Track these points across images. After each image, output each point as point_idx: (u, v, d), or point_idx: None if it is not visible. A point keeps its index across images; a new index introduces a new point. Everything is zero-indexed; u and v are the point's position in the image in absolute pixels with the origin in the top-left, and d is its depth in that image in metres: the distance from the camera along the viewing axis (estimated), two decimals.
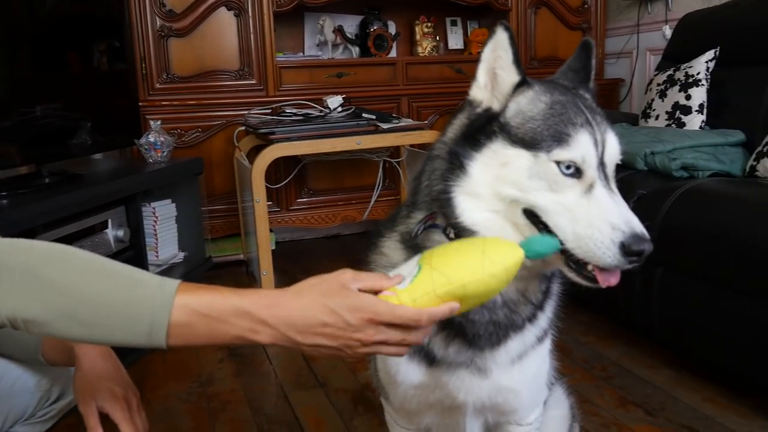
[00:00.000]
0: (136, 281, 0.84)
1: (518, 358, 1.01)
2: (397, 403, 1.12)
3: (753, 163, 2.22)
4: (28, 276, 0.81)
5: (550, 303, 1.04)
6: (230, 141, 3.32)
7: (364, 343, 0.84)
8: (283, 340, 0.85)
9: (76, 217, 2.13)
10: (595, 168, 0.86)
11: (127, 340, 0.83)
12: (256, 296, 0.85)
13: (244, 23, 3.37)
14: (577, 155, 0.85)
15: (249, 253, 3.26)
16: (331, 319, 0.83)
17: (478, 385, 1.00)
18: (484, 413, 1.10)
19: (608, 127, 0.90)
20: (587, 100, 0.93)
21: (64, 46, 2.42)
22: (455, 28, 4.11)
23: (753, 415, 1.82)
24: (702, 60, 2.65)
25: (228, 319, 0.84)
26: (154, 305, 0.82)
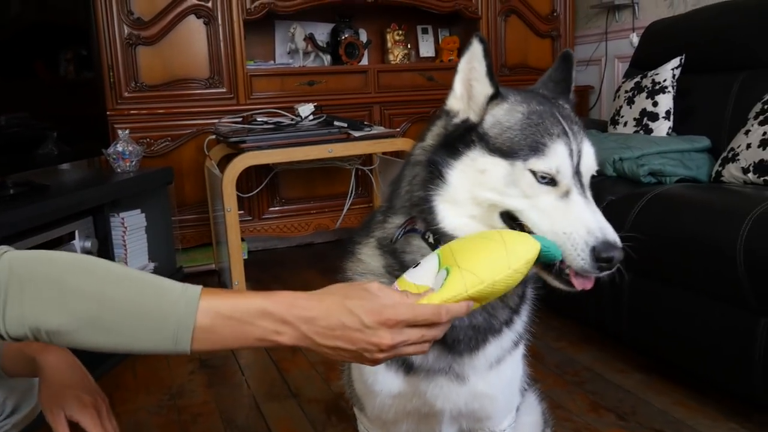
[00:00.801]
0: (159, 287, 0.85)
1: (496, 363, 1.02)
2: (374, 413, 1.11)
3: (719, 169, 2.25)
4: (52, 286, 0.81)
5: (525, 307, 1.05)
6: (201, 150, 3.29)
7: (381, 349, 0.83)
8: (304, 340, 0.85)
9: (42, 228, 2.09)
10: (570, 177, 0.88)
11: (152, 347, 0.83)
12: (278, 297, 0.86)
13: (213, 31, 3.35)
14: (553, 165, 0.87)
15: (221, 263, 3.23)
16: (349, 320, 0.83)
17: (456, 392, 1.01)
18: (459, 420, 1.10)
19: (585, 138, 0.91)
20: (565, 110, 0.94)
21: (29, 54, 2.39)
22: (426, 36, 4.13)
23: (722, 417, 1.84)
24: (668, 67, 2.69)
25: (252, 321, 0.84)
26: (178, 310, 0.82)
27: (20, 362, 1.15)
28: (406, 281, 0.87)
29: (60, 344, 0.83)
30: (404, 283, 0.88)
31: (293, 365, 2.31)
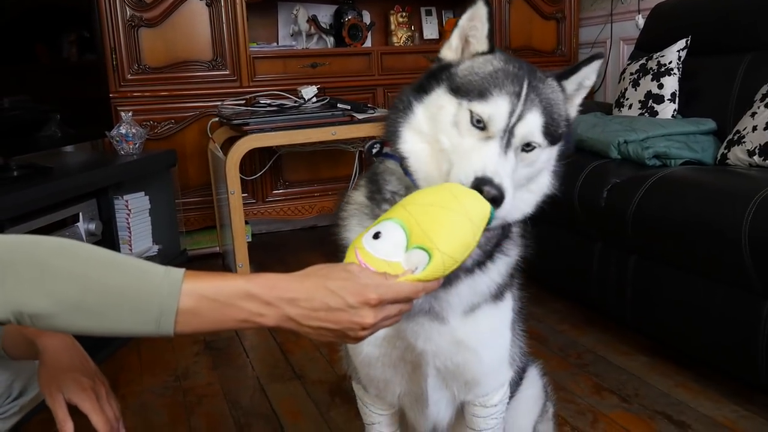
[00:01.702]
0: (143, 270, 0.84)
1: (471, 310, 1.05)
2: (363, 371, 1.13)
3: (724, 151, 2.24)
4: (35, 269, 0.81)
5: (503, 260, 1.07)
6: (204, 132, 3.28)
7: (364, 327, 0.86)
8: (287, 322, 0.86)
9: (46, 210, 2.10)
10: (499, 129, 0.92)
11: (135, 330, 0.83)
12: (261, 279, 0.86)
13: (216, 13, 3.32)
14: (487, 111, 0.92)
15: (225, 245, 3.23)
16: (333, 301, 0.84)
17: (437, 332, 1.04)
18: (446, 380, 1.11)
19: (536, 109, 0.94)
20: (539, 86, 0.96)
21: (32, 37, 2.38)
22: (430, 18, 4.10)
23: (724, 399, 1.85)
24: (674, 49, 2.67)
25: (235, 303, 0.84)
26: (162, 292, 0.82)
27: (21, 345, 1.15)
28: (373, 256, 0.87)
29: (43, 328, 0.82)
30: (370, 257, 0.87)
31: (297, 347, 2.32)
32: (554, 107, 0.97)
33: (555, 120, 0.96)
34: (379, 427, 1.23)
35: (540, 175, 1.00)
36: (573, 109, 1.03)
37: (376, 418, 1.22)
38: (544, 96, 0.95)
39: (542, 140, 0.95)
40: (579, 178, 2.28)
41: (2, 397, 1.23)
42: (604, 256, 2.22)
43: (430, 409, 1.16)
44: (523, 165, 0.95)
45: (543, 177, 1.01)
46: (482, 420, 1.17)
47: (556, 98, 0.98)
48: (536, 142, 0.94)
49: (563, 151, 1.02)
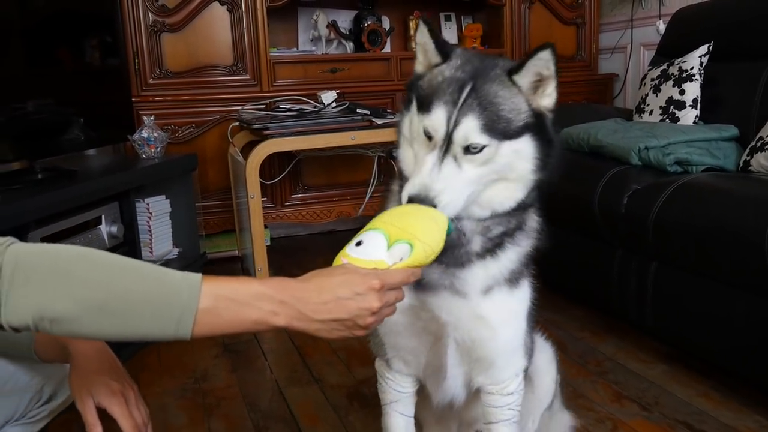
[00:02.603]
0: (162, 273, 0.88)
1: (488, 290, 1.11)
2: (390, 338, 1.20)
3: (746, 158, 2.22)
4: (57, 274, 0.83)
5: (514, 249, 1.12)
6: (224, 137, 3.31)
7: (372, 311, 0.91)
8: (299, 319, 0.90)
9: (70, 213, 2.12)
10: (439, 138, 1.00)
11: (155, 331, 0.86)
12: (272, 281, 0.92)
13: (237, 18, 3.35)
14: (428, 124, 1.01)
15: (244, 249, 3.25)
16: (341, 291, 0.90)
17: (458, 305, 1.10)
18: (463, 355, 1.16)
19: (472, 113, 0.98)
20: (482, 86, 1.01)
21: (56, 41, 2.41)
22: (449, 23, 4.10)
23: (746, 409, 1.83)
24: (695, 55, 2.65)
25: (251, 302, 0.89)
26: (182, 293, 0.86)
27: (52, 348, 1.17)
28: (358, 259, 0.96)
29: (62, 333, 0.84)
30: (356, 260, 0.96)
31: (315, 351, 2.33)
32: (500, 104, 1.00)
33: (502, 116, 1.00)
34: (397, 405, 1.28)
35: (515, 166, 1.03)
36: (544, 99, 1.04)
37: (396, 396, 1.27)
38: (486, 96, 1.00)
39: (486, 139, 0.99)
40: (599, 184, 2.27)
41: (33, 400, 1.24)
42: (624, 263, 2.20)
43: (448, 382, 1.22)
44: (478, 164, 1.00)
45: (520, 166, 1.03)
46: (499, 410, 1.21)
47: (504, 95, 1.01)
48: (476, 143, 0.99)
49: (544, 138, 1.04)
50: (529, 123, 1.02)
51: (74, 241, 2.12)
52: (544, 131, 1.04)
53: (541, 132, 1.03)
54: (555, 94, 1.05)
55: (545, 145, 1.04)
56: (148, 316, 0.85)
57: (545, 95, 1.04)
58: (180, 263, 2.77)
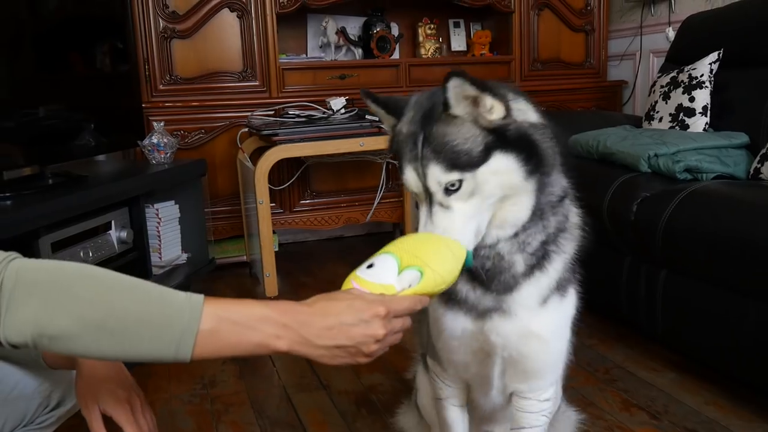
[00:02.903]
0: (165, 294, 0.87)
1: (543, 302, 1.11)
2: (445, 354, 1.22)
3: (757, 166, 2.21)
4: (59, 292, 0.83)
5: (560, 257, 1.12)
6: (233, 142, 3.32)
7: (377, 339, 0.90)
8: (302, 344, 0.89)
9: (80, 218, 2.13)
10: (421, 192, 1.03)
11: (154, 353, 0.85)
12: (276, 305, 0.91)
13: (247, 25, 3.37)
14: (407, 185, 1.04)
15: (252, 254, 3.26)
16: (345, 317, 0.89)
17: (505, 327, 1.11)
18: (507, 368, 1.18)
19: (431, 162, 1.00)
20: (432, 130, 1.01)
21: (67, 47, 2.43)
22: (458, 30, 4.10)
23: (757, 418, 1.81)
24: (705, 62, 2.65)
25: (253, 325, 0.87)
26: (183, 314, 0.85)
27: (60, 355, 1.17)
28: (367, 281, 0.95)
29: (61, 351, 0.84)
30: (365, 282, 0.95)
31: None
32: (452, 140, 1.00)
33: (459, 150, 0.99)
34: (450, 401, 1.31)
35: (504, 184, 1.02)
36: (490, 114, 1.01)
37: (449, 392, 1.30)
38: (437, 140, 1.00)
39: (457, 175, 0.99)
40: (608, 191, 2.26)
41: (41, 406, 1.24)
42: (633, 270, 2.19)
43: (493, 393, 1.25)
44: (466, 199, 1.00)
45: (509, 181, 1.02)
46: (533, 416, 1.22)
47: (451, 131, 1.00)
48: (450, 181, 0.99)
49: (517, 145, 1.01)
50: (490, 142, 1.00)
51: (84, 247, 2.13)
52: (513, 139, 1.01)
53: (509, 143, 1.01)
54: (499, 104, 1.01)
55: (523, 149, 1.01)
56: (147, 336, 0.84)
57: (488, 111, 1.01)
58: (189, 268, 2.78)
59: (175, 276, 2.68)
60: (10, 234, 1.80)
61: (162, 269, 2.70)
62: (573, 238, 1.14)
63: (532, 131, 1.03)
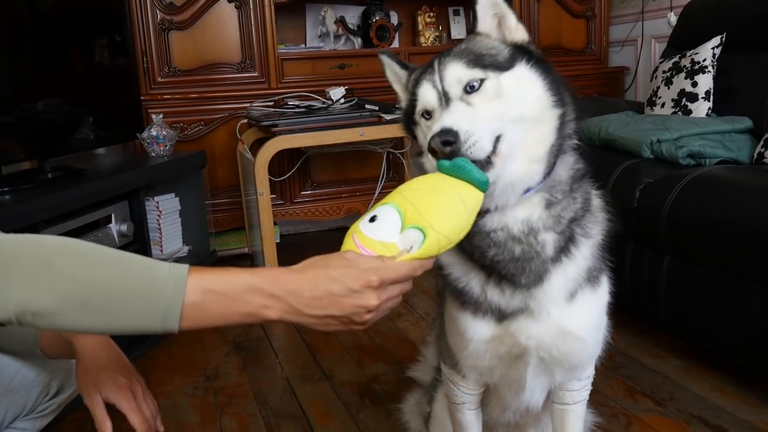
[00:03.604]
0: (147, 266, 0.85)
1: (571, 296, 1.05)
2: (470, 362, 1.15)
3: (761, 150, 2.20)
4: (40, 267, 0.81)
5: (587, 242, 1.06)
6: (233, 134, 3.30)
7: (369, 309, 0.87)
8: (292, 313, 0.87)
9: (80, 212, 2.12)
10: (436, 107, 0.98)
11: (140, 326, 0.83)
12: (264, 272, 0.89)
13: (245, 15, 3.35)
14: (422, 105, 1.00)
15: (253, 246, 3.25)
16: (335, 287, 0.86)
17: (536, 328, 1.05)
18: (549, 367, 1.12)
19: (450, 61, 0.98)
20: (450, 51, 1.01)
21: (65, 41, 2.41)
22: (458, 18, 4.08)
23: (763, 404, 1.81)
24: (708, 46, 2.62)
25: (240, 296, 0.85)
26: (167, 287, 0.82)
27: (58, 344, 1.16)
28: (369, 238, 0.90)
29: (45, 327, 0.82)
30: (366, 239, 0.90)
31: (326, 347, 2.32)
32: (475, 47, 1.00)
33: (483, 53, 0.98)
34: (467, 406, 1.27)
35: (528, 98, 0.97)
36: (514, 33, 1.02)
37: (466, 398, 1.26)
38: (457, 51, 1.00)
39: (480, 72, 0.96)
40: (611, 177, 2.25)
41: (41, 395, 1.25)
42: (636, 257, 2.18)
43: (525, 393, 1.19)
44: (488, 100, 0.95)
45: (533, 95, 0.98)
46: (576, 393, 1.20)
47: (474, 44, 1.01)
48: (471, 78, 0.96)
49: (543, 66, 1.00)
50: (516, 53, 0.99)
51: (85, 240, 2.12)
52: (538, 60, 1.00)
53: (535, 60, 0.99)
54: (521, 27, 1.02)
55: (548, 73, 0.99)
56: (131, 310, 0.82)
57: (512, 30, 1.02)
58: (190, 261, 2.77)
59: None
60: (9, 228, 1.78)
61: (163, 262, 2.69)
62: (598, 221, 1.09)
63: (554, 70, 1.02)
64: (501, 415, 1.33)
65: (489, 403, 1.31)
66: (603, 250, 1.10)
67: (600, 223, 1.09)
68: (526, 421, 1.37)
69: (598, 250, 1.08)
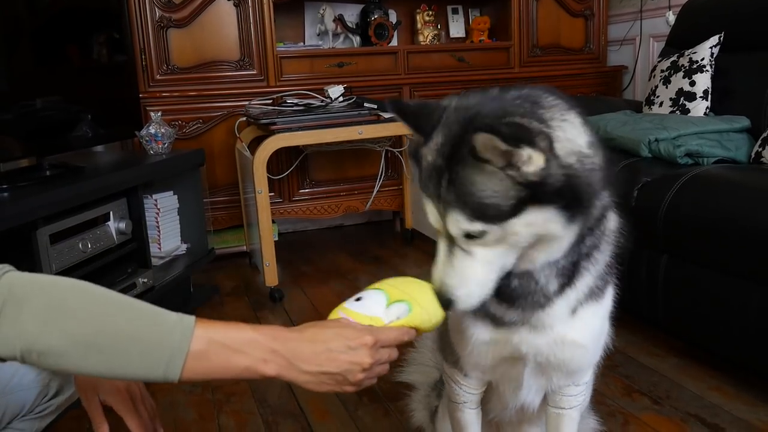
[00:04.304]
0: (157, 314, 0.87)
1: (572, 312, 1.04)
2: (471, 360, 1.16)
3: (759, 150, 2.20)
4: (50, 307, 0.82)
5: (589, 271, 1.02)
6: (231, 132, 3.30)
7: (363, 367, 0.91)
8: (289, 369, 0.90)
9: (78, 209, 2.12)
10: (440, 228, 0.95)
11: (142, 373, 0.85)
12: (266, 329, 0.92)
13: (243, 13, 3.34)
14: (428, 216, 0.96)
15: (252, 244, 3.25)
16: (334, 343, 0.90)
17: (536, 341, 1.06)
18: (546, 371, 1.12)
19: (453, 208, 0.89)
20: (455, 175, 0.89)
21: (63, 38, 2.40)
22: (456, 17, 4.08)
23: (760, 403, 1.81)
24: (706, 46, 2.63)
25: (242, 348, 0.88)
26: (174, 334, 0.85)
27: None
28: (355, 312, 0.97)
29: (49, 366, 0.83)
30: (353, 314, 0.97)
31: None
32: (480, 191, 0.86)
33: (487, 204, 0.86)
34: (468, 405, 1.28)
35: (540, 234, 0.90)
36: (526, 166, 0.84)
37: (467, 397, 1.27)
38: (463, 186, 0.87)
39: (481, 226, 0.87)
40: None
41: (39, 396, 1.24)
42: (634, 256, 2.18)
43: (522, 392, 1.20)
44: (491, 245, 0.90)
45: (546, 230, 0.90)
46: (573, 398, 1.20)
47: (480, 180, 0.86)
48: (472, 231, 0.89)
49: (557, 198, 0.87)
50: (525, 197, 0.86)
51: (83, 238, 2.12)
52: (554, 190, 0.86)
53: (549, 194, 0.86)
54: (538, 154, 0.84)
55: (566, 196, 0.87)
56: (137, 355, 0.84)
57: (525, 163, 0.84)
58: (188, 259, 2.77)
59: (174, 267, 2.68)
60: (7, 226, 1.79)
61: (161, 260, 2.69)
62: (610, 242, 1.04)
63: (579, 171, 0.88)
64: (501, 413, 1.33)
65: (489, 400, 1.31)
66: (610, 266, 1.07)
67: (610, 245, 1.04)
68: (523, 418, 1.37)
69: (605, 268, 1.05)
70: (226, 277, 3.16)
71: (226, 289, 3.01)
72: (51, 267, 1.96)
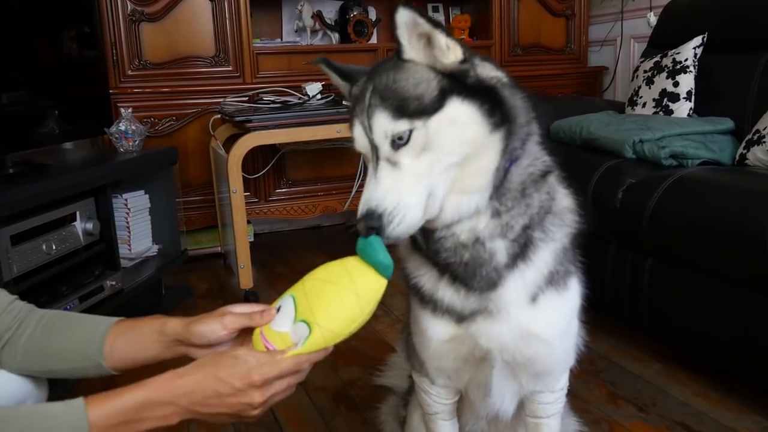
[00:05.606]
0: (42, 416, 0.89)
1: (533, 300, 1.00)
2: (435, 363, 1.12)
3: (743, 152, 2.17)
4: None
5: (548, 246, 1.00)
6: (206, 130, 3.21)
7: (254, 406, 0.93)
8: (188, 413, 0.93)
9: (42, 209, 2.02)
10: (369, 150, 0.93)
11: None
12: (156, 382, 0.93)
13: (219, 8, 3.26)
14: (356, 146, 0.95)
15: (226, 245, 3.17)
16: (222, 388, 0.92)
17: (497, 330, 1.01)
18: (515, 372, 1.08)
19: (376, 109, 0.90)
20: (380, 81, 0.92)
21: (31, 31, 2.31)
22: (437, 14, 4.02)
23: (746, 410, 1.78)
24: (690, 46, 2.60)
25: (140, 416, 0.91)
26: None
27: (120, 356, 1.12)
28: (270, 330, 0.97)
29: None
30: (269, 331, 0.96)
31: None
32: (401, 85, 0.90)
33: (409, 95, 0.89)
34: (441, 416, 1.23)
35: (465, 138, 0.90)
36: (445, 56, 0.90)
37: (439, 408, 1.21)
38: (384, 86, 0.91)
39: (406, 123, 0.88)
40: (593, 177, 2.21)
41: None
42: (618, 259, 2.14)
43: (493, 399, 1.15)
44: (417, 154, 0.89)
45: (470, 133, 0.90)
46: (549, 406, 1.16)
47: (400, 75, 0.91)
48: (396, 132, 0.89)
49: (479, 92, 0.90)
50: (446, 86, 0.89)
51: (48, 239, 2.03)
52: (475, 87, 0.90)
53: (470, 88, 0.90)
54: (456, 45, 0.90)
55: (487, 99, 0.90)
56: None
57: (444, 53, 0.90)
58: (160, 260, 2.69)
59: (145, 269, 2.59)
60: None
61: (132, 262, 2.60)
62: (564, 223, 1.02)
63: (498, 87, 0.93)
64: (475, 424, 1.28)
65: (463, 411, 1.26)
66: (570, 252, 1.04)
67: (566, 225, 1.03)
68: (498, 430, 1.32)
69: (564, 253, 1.03)
70: (200, 279, 3.07)
71: (200, 291, 2.92)
72: (12, 269, 1.87)
